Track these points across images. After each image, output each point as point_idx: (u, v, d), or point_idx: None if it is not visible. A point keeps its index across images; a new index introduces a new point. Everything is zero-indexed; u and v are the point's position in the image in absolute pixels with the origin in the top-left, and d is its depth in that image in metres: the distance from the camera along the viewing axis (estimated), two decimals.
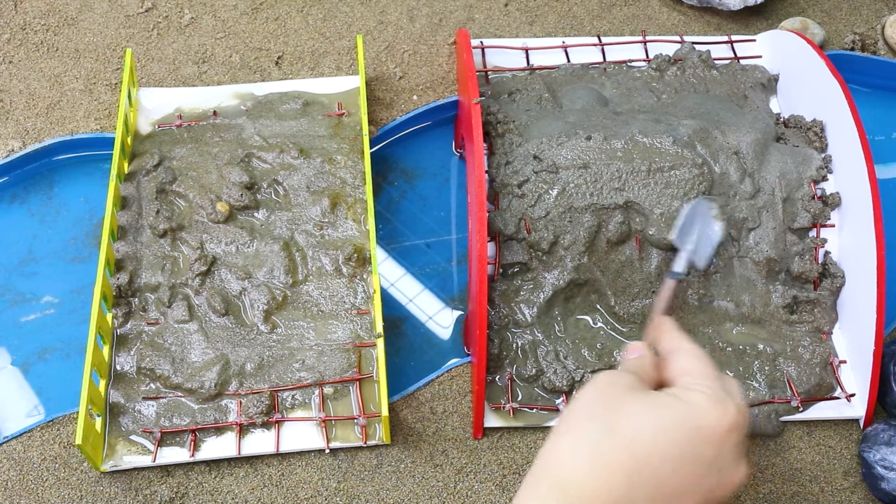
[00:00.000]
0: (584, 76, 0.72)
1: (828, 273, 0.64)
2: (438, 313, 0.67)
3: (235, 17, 0.78)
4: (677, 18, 0.80)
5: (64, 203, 0.69)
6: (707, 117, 0.66)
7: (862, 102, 0.76)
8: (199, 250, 0.63)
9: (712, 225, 0.56)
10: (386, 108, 0.73)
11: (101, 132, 0.71)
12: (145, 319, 0.61)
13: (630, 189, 0.62)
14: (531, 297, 0.63)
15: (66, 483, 0.58)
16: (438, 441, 0.60)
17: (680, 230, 0.55)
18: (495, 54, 0.73)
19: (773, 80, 0.72)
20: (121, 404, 0.58)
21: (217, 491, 0.58)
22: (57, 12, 0.77)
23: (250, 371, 0.60)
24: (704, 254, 0.55)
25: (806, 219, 0.64)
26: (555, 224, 0.62)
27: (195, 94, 0.71)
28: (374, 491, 0.58)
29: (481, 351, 0.57)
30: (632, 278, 0.63)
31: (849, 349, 0.63)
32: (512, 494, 0.59)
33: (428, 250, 0.69)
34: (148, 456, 0.57)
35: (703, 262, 0.55)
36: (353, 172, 0.67)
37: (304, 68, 0.75)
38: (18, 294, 0.65)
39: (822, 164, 0.65)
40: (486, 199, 0.59)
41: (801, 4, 0.82)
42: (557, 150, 0.63)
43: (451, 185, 0.72)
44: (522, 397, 0.61)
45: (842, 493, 0.61)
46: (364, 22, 0.78)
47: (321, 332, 0.61)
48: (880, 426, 0.60)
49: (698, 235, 0.56)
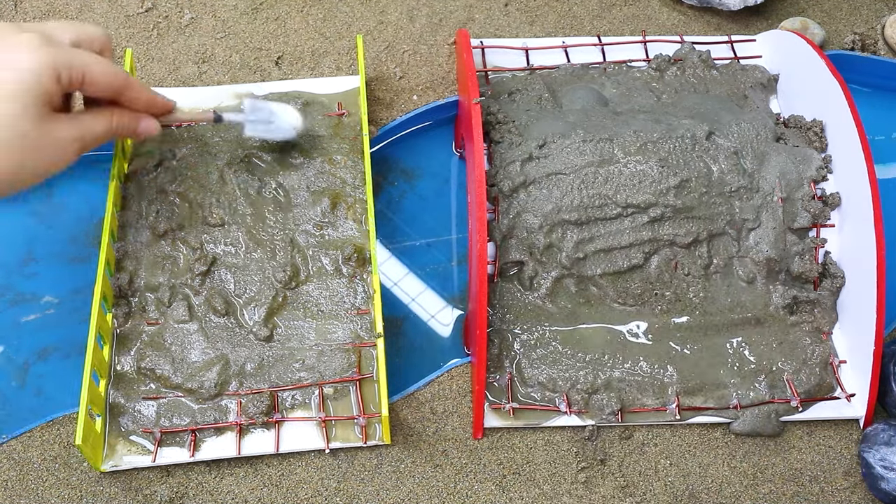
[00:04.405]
0: (584, 76, 0.72)
1: (828, 273, 0.64)
2: (438, 313, 0.67)
3: (235, 17, 0.78)
4: (677, 18, 0.80)
5: (64, 203, 0.69)
6: (707, 117, 0.66)
7: (862, 102, 0.76)
8: (199, 250, 0.63)
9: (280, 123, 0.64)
10: (386, 108, 0.73)
11: None
12: (145, 319, 0.61)
13: (630, 189, 0.62)
14: (531, 296, 0.63)
15: (66, 483, 0.58)
16: (438, 441, 0.60)
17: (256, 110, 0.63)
18: (495, 54, 0.73)
19: (773, 80, 0.72)
20: (121, 404, 0.59)
21: (217, 491, 0.58)
22: (57, 12, 0.77)
23: (250, 371, 0.60)
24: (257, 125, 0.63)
25: (806, 219, 0.64)
26: (554, 224, 0.62)
27: (195, 94, 0.71)
28: (374, 491, 0.58)
29: (481, 351, 0.57)
30: (632, 278, 0.63)
31: (849, 349, 0.63)
32: (512, 494, 0.59)
33: (428, 250, 0.69)
34: (148, 456, 0.57)
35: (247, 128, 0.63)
36: (353, 172, 0.67)
37: (304, 68, 0.75)
38: (18, 294, 0.65)
39: (822, 164, 0.65)
40: (486, 199, 0.59)
41: (801, 4, 0.82)
42: (557, 150, 0.63)
43: (451, 185, 0.72)
44: (522, 397, 0.61)
45: (842, 493, 0.61)
46: (364, 22, 0.78)
47: (321, 332, 0.61)
48: (880, 426, 0.60)
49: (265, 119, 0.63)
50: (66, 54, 0.49)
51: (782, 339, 0.63)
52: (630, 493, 0.60)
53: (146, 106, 0.56)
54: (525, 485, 0.59)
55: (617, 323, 0.64)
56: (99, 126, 0.53)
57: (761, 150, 0.64)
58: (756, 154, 0.64)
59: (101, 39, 0.54)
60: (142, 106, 0.56)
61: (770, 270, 0.64)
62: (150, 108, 0.56)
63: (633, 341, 0.63)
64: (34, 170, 0.49)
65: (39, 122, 0.48)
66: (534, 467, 0.60)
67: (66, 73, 0.49)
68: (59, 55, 0.48)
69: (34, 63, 0.47)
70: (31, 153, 0.48)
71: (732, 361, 0.63)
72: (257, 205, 0.65)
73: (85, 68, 0.50)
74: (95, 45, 0.53)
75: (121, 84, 0.53)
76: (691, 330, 0.63)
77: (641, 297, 0.63)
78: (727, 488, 0.60)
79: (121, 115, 0.55)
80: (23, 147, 0.48)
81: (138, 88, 0.55)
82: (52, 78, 0.48)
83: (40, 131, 0.48)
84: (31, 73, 0.47)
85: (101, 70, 0.51)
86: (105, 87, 0.52)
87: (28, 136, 0.47)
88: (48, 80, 0.48)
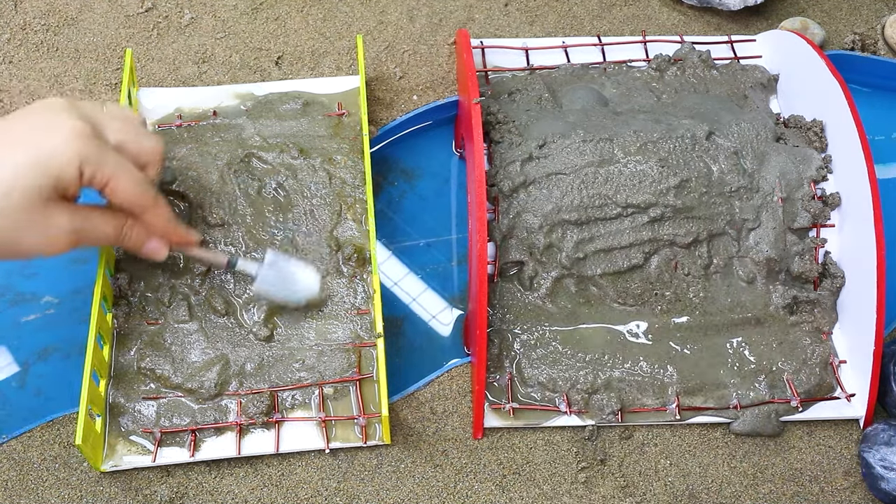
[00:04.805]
0: (584, 76, 0.72)
1: (828, 273, 0.64)
2: (439, 313, 0.67)
3: (235, 17, 0.78)
4: (677, 18, 0.80)
5: None
6: (707, 117, 0.66)
7: (862, 102, 0.76)
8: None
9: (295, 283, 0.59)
10: (386, 108, 0.73)
11: None
12: (145, 319, 0.61)
13: (630, 189, 0.62)
14: (531, 296, 0.63)
15: (66, 483, 0.58)
16: (438, 441, 0.60)
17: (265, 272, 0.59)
18: (495, 54, 0.73)
19: (773, 80, 0.72)
20: (121, 404, 0.59)
21: (217, 491, 0.58)
22: (57, 12, 0.77)
23: (250, 371, 0.60)
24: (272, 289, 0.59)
25: (806, 219, 0.64)
26: (554, 224, 0.62)
27: (195, 94, 0.71)
28: (374, 491, 0.58)
29: (481, 351, 0.57)
30: (632, 278, 0.63)
31: (849, 349, 0.63)
32: (512, 494, 0.59)
33: (428, 250, 0.69)
34: (148, 456, 0.57)
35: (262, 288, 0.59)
36: (353, 172, 0.67)
37: (304, 68, 0.75)
38: (18, 294, 0.65)
39: (822, 164, 0.65)
40: (486, 199, 0.59)
41: (801, 4, 0.82)
42: (557, 150, 0.63)
43: (451, 185, 0.72)
44: (522, 397, 0.61)
45: (842, 493, 0.61)
46: (364, 22, 0.78)
47: (321, 332, 0.61)
48: (880, 426, 0.60)
49: (279, 281, 0.59)
50: (100, 154, 0.47)
51: (782, 339, 0.63)
52: (630, 493, 0.60)
53: (162, 232, 0.54)
54: (525, 485, 0.59)
55: (617, 323, 0.64)
56: (107, 229, 0.51)
57: (761, 150, 0.64)
58: (756, 154, 0.64)
59: (151, 154, 0.52)
60: (158, 231, 0.54)
61: (770, 270, 0.64)
62: (166, 236, 0.55)
63: (633, 341, 0.63)
64: (16, 245, 0.48)
65: (41, 204, 0.47)
66: (534, 467, 0.60)
67: (91, 172, 0.47)
68: (94, 155, 0.47)
69: (64, 155, 0.46)
70: (21, 229, 0.47)
71: (732, 361, 0.63)
72: (257, 205, 0.65)
73: (112, 176, 0.48)
74: (142, 158, 0.51)
75: (144, 205, 0.51)
76: (691, 330, 0.63)
77: (641, 297, 0.63)
78: (727, 488, 0.60)
79: (133, 228, 0.52)
80: (15, 220, 0.46)
81: (161, 216, 0.53)
82: (74, 172, 0.47)
83: (38, 211, 0.47)
84: (55, 161, 0.46)
85: (128, 184, 0.49)
86: (126, 203, 0.50)
87: (22, 212, 0.46)
88: (69, 172, 0.46)
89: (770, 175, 0.64)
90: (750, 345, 0.63)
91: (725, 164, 0.63)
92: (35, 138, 0.46)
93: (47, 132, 0.46)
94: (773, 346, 0.63)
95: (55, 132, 0.46)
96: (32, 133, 0.46)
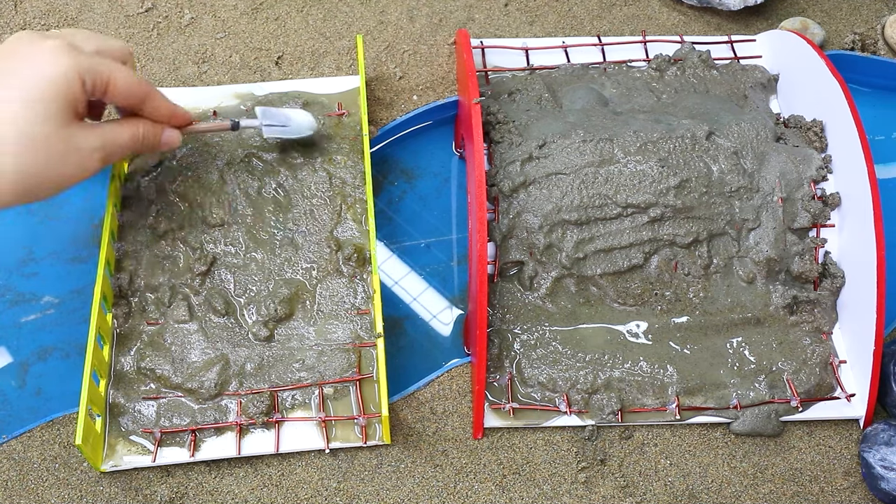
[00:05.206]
0: (584, 76, 0.72)
1: (828, 273, 0.64)
2: (439, 313, 0.67)
3: (235, 17, 0.78)
4: (677, 18, 0.80)
5: (64, 203, 0.69)
6: (707, 117, 0.66)
7: (862, 102, 0.76)
8: (199, 250, 0.63)
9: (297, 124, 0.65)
10: (386, 108, 0.73)
11: None
12: (145, 319, 0.61)
13: (630, 189, 0.62)
14: (531, 296, 0.63)
15: (66, 483, 0.58)
16: (438, 441, 0.60)
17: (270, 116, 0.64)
18: (495, 54, 0.73)
19: (773, 80, 0.72)
20: (121, 404, 0.59)
21: (217, 491, 0.58)
22: (57, 12, 0.77)
23: (250, 371, 0.60)
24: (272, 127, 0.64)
25: (806, 219, 0.64)
26: (554, 224, 0.62)
27: (195, 94, 0.71)
28: (374, 491, 0.58)
29: (481, 351, 0.57)
30: (632, 278, 0.63)
31: (849, 349, 0.63)
32: (512, 494, 0.59)
33: (428, 250, 0.69)
34: (148, 456, 0.57)
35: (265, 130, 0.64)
36: (353, 172, 0.67)
37: (304, 68, 0.75)
38: (18, 294, 0.65)
39: (822, 164, 0.65)
40: (486, 199, 0.59)
41: (801, 4, 0.82)
42: (557, 150, 0.63)
43: (451, 185, 0.72)
44: (522, 397, 0.61)
45: (842, 493, 0.61)
46: (364, 22, 0.78)
47: (321, 332, 0.61)
48: (880, 426, 0.60)
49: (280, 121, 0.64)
50: (90, 61, 0.49)
51: (782, 339, 0.63)
52: (630, 493, 0.60)
53: (168, 117, 0.56)
54: (525, 485, 0.59)
55: (617, 323, 0.64)
56: (124, 135, 0.53)
57: (761, 150, 0.64)
58: (756, 154, 0.64)
59: (124, 51, 0.54)
60: (163, 117, 0.55)
61: (770, 270, 0.64)
62: (172, 119, 0.56)
63: (633, 341, 0.63)
64: (55, 177, 0.49)
65: (62, 128, 0.48)
66: (534, 467, 0.60)
67: (91, 79, 0.49)
68: (85, 61, 0.48)
69: (60, 68, 0.47)
70: (53, 158, 0.48)
71: (732, 361, 0.63)
72: (257, 205, 0.65)
73: (109, 75, 0.50)
74: (117, 57, 0.53)
75: (144, 93, 0.53)
76: (691, 330, 0.63)
77: (641, 297, 0.63)
78: (727, 488, 0.60)
79: (146, 126, 0.54)
80: (46, 151, 0.47)
81: (160, 99, 0.55)
82: (77, 83, 0.48)
83: (63, 136, 0.48)
84: (57, 78, 0.47)
85: (124, 78, 0.51)
86: (128, 96, 0.52)
87: (50, 141, 0.47)
88: (73, 85, 0.48)
89: (770, 175, 0.64)
90: (750, 345, 0.63)
91: (725, 164, 0.63)
92: (29, 72, 0.47)
93: (36, 62, 0.47)
94: (773, 346, 0.63)
95: (43, 59, 0.47)
96: (22, 69, 0.47)
